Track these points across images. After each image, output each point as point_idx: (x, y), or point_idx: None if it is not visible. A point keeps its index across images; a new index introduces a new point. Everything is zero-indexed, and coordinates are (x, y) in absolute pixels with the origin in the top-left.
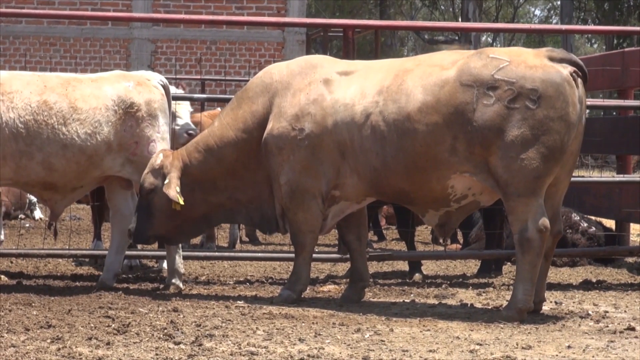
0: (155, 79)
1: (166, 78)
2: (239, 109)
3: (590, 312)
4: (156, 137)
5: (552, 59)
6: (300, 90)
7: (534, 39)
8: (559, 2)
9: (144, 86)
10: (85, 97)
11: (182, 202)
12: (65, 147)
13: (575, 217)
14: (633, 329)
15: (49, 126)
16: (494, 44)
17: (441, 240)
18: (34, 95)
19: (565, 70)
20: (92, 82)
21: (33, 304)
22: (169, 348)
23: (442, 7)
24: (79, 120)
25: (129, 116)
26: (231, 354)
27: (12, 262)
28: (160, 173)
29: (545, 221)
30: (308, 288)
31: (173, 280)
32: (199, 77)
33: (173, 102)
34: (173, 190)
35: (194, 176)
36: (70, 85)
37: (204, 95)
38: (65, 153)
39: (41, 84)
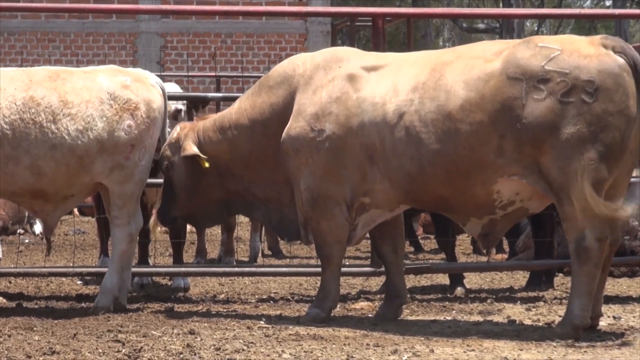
0: (152, 77)
1: (178, 76)
2: (258, 97)
3: None
4: (148, 143)
5: (606, 47)
6: (322, 87)
7: (584, 25)
8: None
9: (142, 83)
10: (77, 90)
11: (205, 157)
12: (54, 148)
13: (634, 222)
14: None
15: (37, 124)
16: (540, 31)
17: (485, 251)
18: (19, 91)
19: (622, 58)
20: (85, 74)
21: (35, 328)
22: None
23: None
24: (69, 116)
25: (127, 114)
26: None
27: (10, 282)
28: (177, 147)
29: (605, 229)
30: (338, 305)
31: (100, 302)
32: (213, 74)
33: None
34: (190, 149)
35: (207, 154)
36: (59, 78)
37: (220, 94)
38: (54, 154)
39: (26, 79)
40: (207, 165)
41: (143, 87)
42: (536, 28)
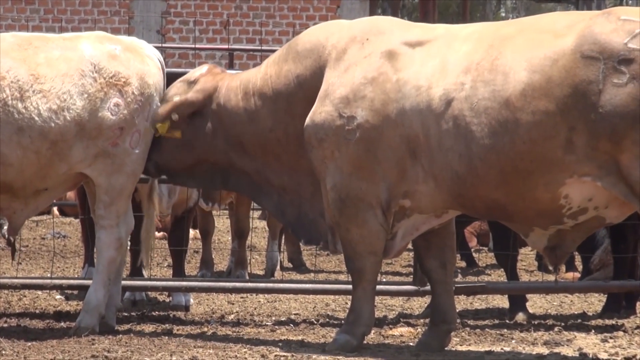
0: (149, 48)
1: (182, 48)
2: (284, 63)
3: None
4: (143, 126)
5: None
6: (355, 64)
7: None
8: None
9: (134, 54)
10: (52, 61)
11: (161, 131)
12: (20, 131)
13: None
14: None
15: (0, 103)
16: (625, 1)
17: (552, 269)
18: None
19: None
20: (64, 41)
21: (3, 352)
22: None
23: None
24: (41, 92)
25: (115, 90)
26: None
27: None
28: (191, 89)
29: None
30: (373, 331)
31: (83, 322)
32: (225, 46)
33: None
34: (162, 111)
35: (220, 118)
36: (31, 46)
37: (233, 71)
38: (21, 139)
39: None
40: (193, 146)
41: (136, 59)
42: None
